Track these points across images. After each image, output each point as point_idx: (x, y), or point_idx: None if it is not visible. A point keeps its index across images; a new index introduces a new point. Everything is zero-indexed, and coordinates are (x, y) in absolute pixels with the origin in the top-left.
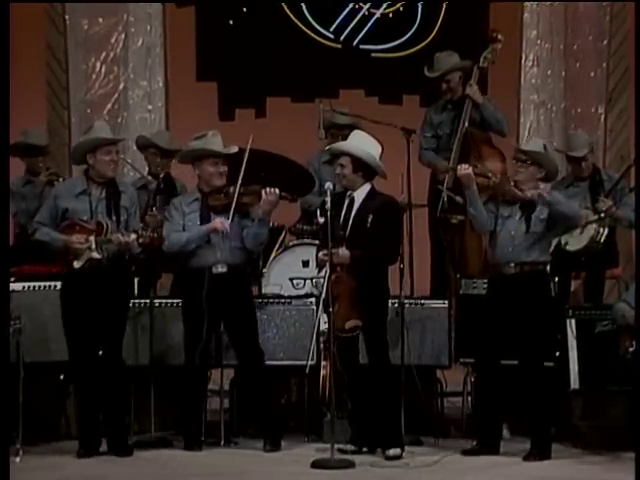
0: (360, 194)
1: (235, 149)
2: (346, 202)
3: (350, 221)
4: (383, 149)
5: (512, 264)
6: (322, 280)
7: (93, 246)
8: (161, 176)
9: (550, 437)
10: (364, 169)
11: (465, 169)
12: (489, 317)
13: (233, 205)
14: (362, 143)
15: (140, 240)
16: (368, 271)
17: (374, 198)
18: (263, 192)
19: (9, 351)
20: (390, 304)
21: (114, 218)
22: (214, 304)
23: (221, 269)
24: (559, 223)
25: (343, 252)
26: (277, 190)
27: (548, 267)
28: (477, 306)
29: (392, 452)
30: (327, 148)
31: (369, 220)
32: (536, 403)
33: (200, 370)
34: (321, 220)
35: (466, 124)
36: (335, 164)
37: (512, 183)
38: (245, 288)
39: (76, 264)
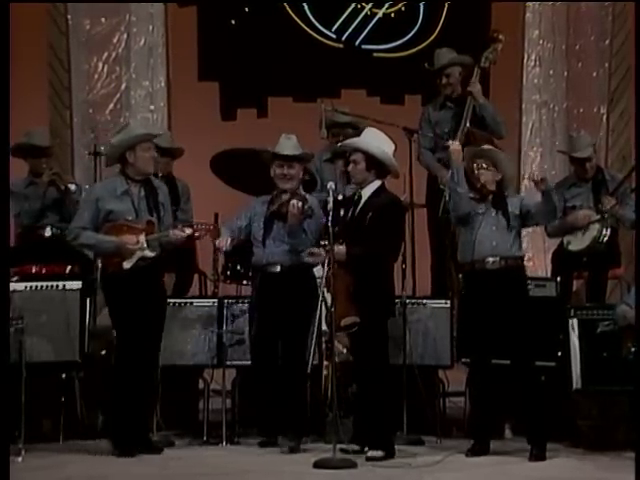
0: (367, 192)
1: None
2: (354, 200)
3: (354, 218)
4: (396, 147)
5: (497, 258)
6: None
7: (145, 245)
8: (160, 175)
9: (546, 436)
10: (377, 167)
11: (457, 145)
12: (473, 314)
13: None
14: (376, 140)
15: (196, 234)
16: (366, 269)
17: (379, 196)
18: (290, 205)
19: (9, 351)
20: None
21: (155, 215)
22: (269, 304)
23: (272, 269)
24: (538, 217)
25: (338, 248)
26: (300, 204)
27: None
28: None
29: (370, 454)
30: (340, 145)
31: (368, 217)
32: (530, 402)
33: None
34: (322, 220)
35: (467, 124)
36: (345, 160)
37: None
38: (297, 289)
39: (126, 264)
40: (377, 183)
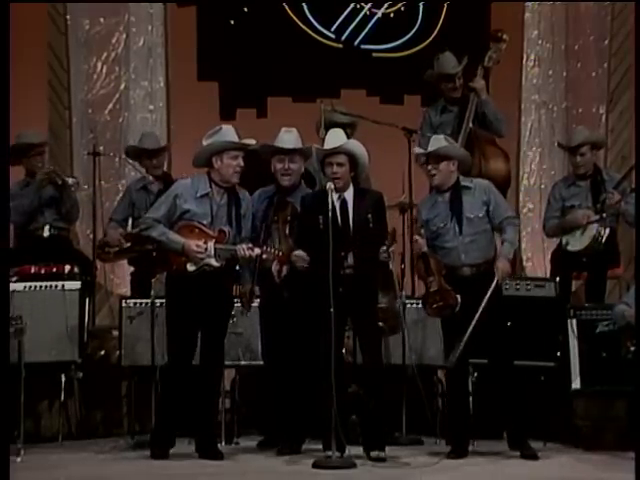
0: (349, 193)
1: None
2: (338, 203)
3: (350, 221)
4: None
5: (467, 267)
6: None
7: (212, 253)
8: (150, 177)
9: (526, 434)
10: (356, 169)
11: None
12: (452, 318)
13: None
14: (353, 142)
15: (264, 256)
16: (374, 270)
17: (365, 195)
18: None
19: (8, 351)
20: None
21: (234, 225)
22: (279, 306)
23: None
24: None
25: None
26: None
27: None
28: None
29: (376, 454)
30: (333, 147)
31: (370, 219)
32: (510, 402)
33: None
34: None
35: (470, 124)
36: (327, 163)
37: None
38: (301, 291)
39: (190, 267)
40: (351, 184)
